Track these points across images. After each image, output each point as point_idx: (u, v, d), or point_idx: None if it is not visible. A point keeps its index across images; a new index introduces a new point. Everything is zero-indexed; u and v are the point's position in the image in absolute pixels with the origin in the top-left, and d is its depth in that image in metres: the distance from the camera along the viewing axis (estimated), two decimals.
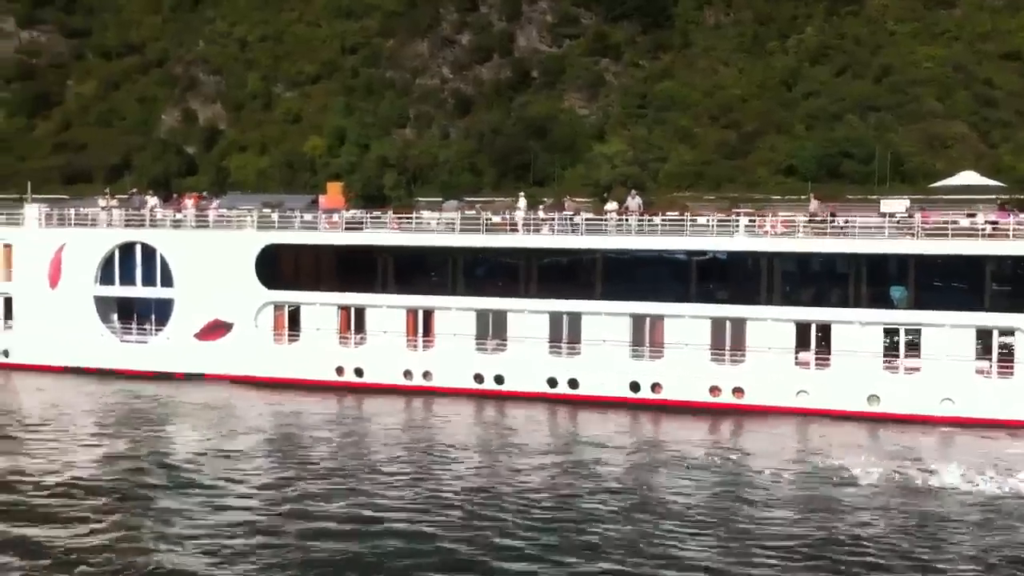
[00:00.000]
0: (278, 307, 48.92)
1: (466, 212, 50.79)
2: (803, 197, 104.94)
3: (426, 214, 51.57)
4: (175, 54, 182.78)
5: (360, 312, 47.65)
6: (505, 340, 45.46)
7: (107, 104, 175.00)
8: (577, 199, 64.19)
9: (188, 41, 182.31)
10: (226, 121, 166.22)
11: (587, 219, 46.54)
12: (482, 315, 45.73)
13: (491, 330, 45.60)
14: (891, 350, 41.43)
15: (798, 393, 41.82)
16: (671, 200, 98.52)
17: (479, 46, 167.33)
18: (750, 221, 45.34)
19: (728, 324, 42.89)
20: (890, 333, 41.44)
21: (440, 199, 79.60)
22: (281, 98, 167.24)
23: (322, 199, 59.12)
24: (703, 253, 43.77)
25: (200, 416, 41.90)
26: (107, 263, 51.42)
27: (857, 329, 41.39)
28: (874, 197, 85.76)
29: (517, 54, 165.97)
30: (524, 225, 46.98)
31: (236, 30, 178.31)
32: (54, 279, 52.01)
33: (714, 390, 42.74)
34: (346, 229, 49.17)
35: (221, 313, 49.27)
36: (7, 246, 53.33)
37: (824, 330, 42.06)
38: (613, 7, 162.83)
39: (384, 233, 48.58)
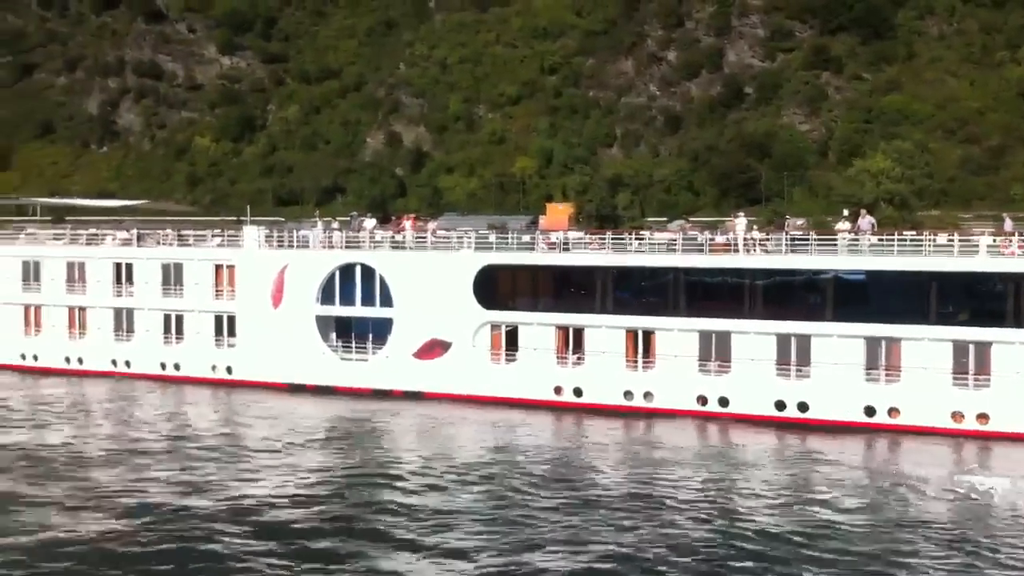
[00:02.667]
0: (495, 327, 52.02)
1: (687, 232, 52.81)
2: None
3: (646, 234, 53.85)
4: (374, 78, 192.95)
5: (578, 332, 50.24)
6: (729, 361, 47.13)
7: (310, 127, 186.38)
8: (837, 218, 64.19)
9: (387, 65, 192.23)
10: (430, 143, 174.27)
11: (817, 239, 47.74)
12: (705, 336, 47.53)
13: (714, 351, 47.42)
14: None
15: None
16: (941, 220, 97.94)
17: (687, 62, 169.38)
18: (993, 241, 45.62)
19: (971, 347, 43.22)
20: None
21: (664, 219, 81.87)
22: (484, 119, 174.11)
23: (543, 219, 62.21)
24: (943, 273, 44.25)
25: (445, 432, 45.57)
26: (328, 283, 55.80)
27: None
28: None
29: (727, 69, 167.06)
30: (744, 245, 48.69)
31: (436, 53, 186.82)
32: (277, 299, 56.72)
33: (956, 416, 43.14)
34: (564, 249, 52.07)
35: (439, 332, 52.74)
36: (230, 267, 58.55)
37: None
38: (830, 19, 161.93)
39: (603, 253, 51.13)
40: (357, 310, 55.34)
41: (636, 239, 52.23)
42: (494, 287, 52.43)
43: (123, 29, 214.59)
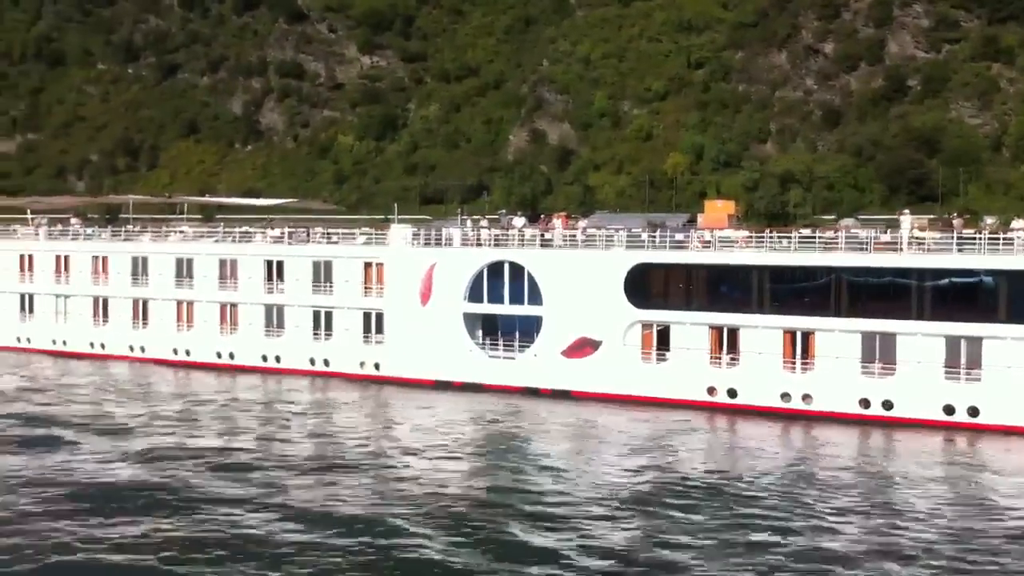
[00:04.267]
0: (646, 326, 52.81)
1: (851, 230, 52.74)
2: None
3: (806, 232, 53.90)
4: (514, 75, 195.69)
5: (733, 332, 50.71)
6: (893, 363, 46.93)
7: (451, 126, 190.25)
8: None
9: (528, 62, 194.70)
10: (575, 140, 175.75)
11: (990, 237, 47.17)
12: (868, 337, 47.47)
13: (878, 353, 47.29)
14: None
15: None
16: None
17: (845, 54, 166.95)
18: None
19: None
20: None
21: (831, 217, 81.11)
22: (630, 115, 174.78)
23: (701, 217, 62.67)
24: None
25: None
26: (476, 281, 57.46)
27: None
28: None
29: (889, 62, 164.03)
30: (909, 244, 48.39)
31: (579, 49, 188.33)
32: (425, 296, 58.63)
33: None
34: (720, 248, 52.56)
35: (589, 331, 53.77)
36: (379, 265, 60.77)
37: None
38: (999, 8, 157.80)
39: (760, 252, 51.45)
40: (505, 308, 56.78)
41: (793, 237, 52.35)
42: (646, 286, 53.22)
43: (264, 29, 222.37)
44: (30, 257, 72.24)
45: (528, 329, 56.32)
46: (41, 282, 71.44)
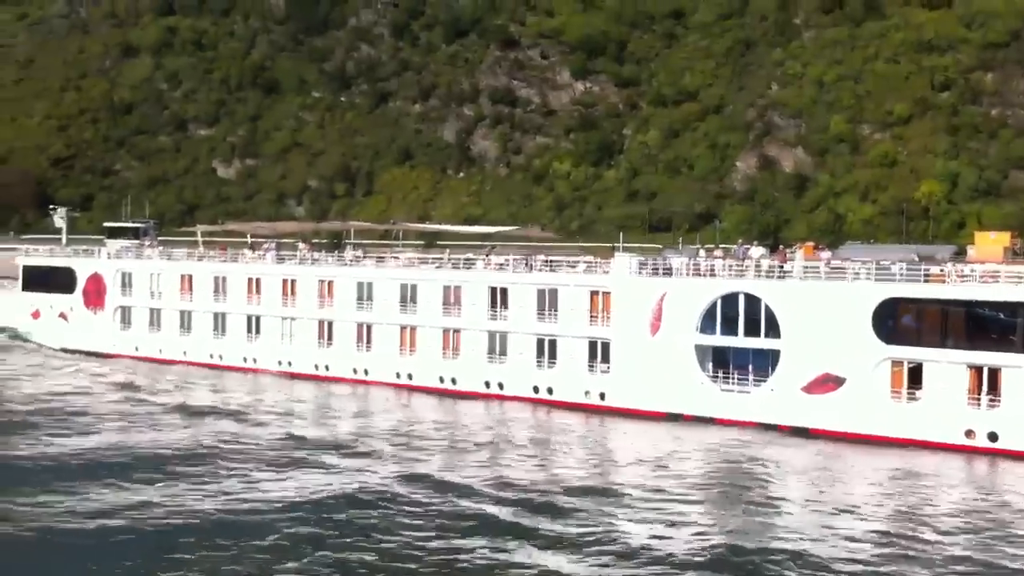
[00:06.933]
0: (896, 363, 52.13)
1: None
2: None
3: None
4: (737, 99, 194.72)
5: (994, 372, 49.51)
6: None
7: (671, 151, 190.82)
8: None
9: (752, 85, 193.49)
10: (811, 166, 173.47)
11: None
12: None
13: None
14: None
15: None
16: None
17: None
18: None
19: None
20: None
21: None
22: (870, 140, 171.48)
23: (971, 250, 61.24)
24: None
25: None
26: (709, 312, 57.91)
27: None
28: None
29: None
30: None
31: (810, 71, 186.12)
32: (655, 326, 59.43)
33: None
34: (981, 282, 51.36)
35: (832, 367, 53.41)
36: (606, 293, 61.93)
37: None
38: None
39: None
40: (740, 340, 56.94)
41: None
42: (896, 321, 52.54)
43: (475, 57, 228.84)
44: (258, 280, 76.64)
45: (761, 363, 56.38)
46: (268, 304, 75.70)
